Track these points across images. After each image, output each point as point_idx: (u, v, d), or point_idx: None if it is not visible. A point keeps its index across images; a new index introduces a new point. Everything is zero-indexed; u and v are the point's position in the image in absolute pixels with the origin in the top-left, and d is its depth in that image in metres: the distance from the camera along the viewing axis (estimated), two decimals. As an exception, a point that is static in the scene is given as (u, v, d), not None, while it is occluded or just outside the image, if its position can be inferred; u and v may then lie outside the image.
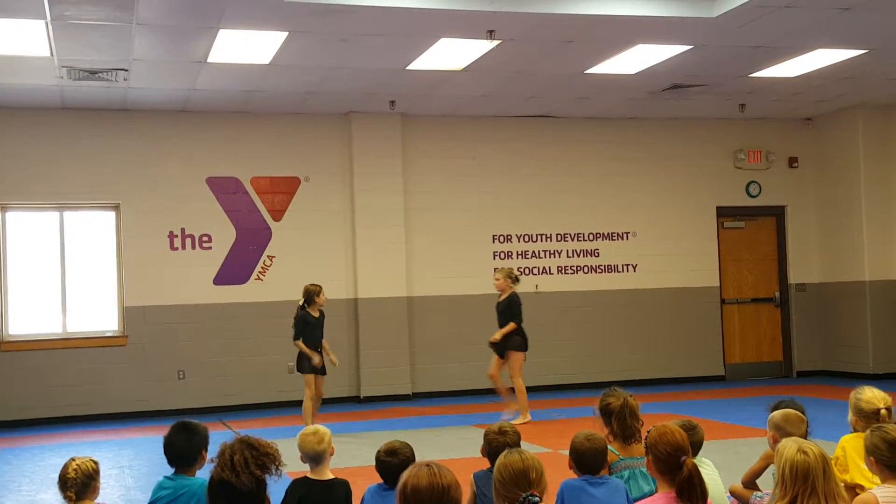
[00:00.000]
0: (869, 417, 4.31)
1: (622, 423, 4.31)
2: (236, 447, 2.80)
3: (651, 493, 4.04)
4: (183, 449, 3.95)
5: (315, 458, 4.08)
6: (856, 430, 4.46)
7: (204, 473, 3.95)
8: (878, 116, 12.26)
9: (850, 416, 4.52)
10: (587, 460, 3.86)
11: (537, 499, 3.04)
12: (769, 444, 4.37)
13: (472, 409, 10.49)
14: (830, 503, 2.97)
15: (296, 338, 8.95)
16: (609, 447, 4.24)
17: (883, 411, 4.25)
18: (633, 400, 4.47)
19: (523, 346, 9.37)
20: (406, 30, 8.26)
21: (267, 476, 2.84)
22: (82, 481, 3.77)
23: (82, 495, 3.79)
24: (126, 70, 9.12)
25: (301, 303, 8.99)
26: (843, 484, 3.71)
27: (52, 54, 8.52)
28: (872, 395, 4.40)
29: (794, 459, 3.02)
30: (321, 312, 9.06)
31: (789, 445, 3.10)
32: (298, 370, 9.06)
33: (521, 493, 3.05)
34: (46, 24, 7.66)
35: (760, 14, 8.08)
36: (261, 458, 2.79)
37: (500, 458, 3.21)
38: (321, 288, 9.06)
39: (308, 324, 8.91)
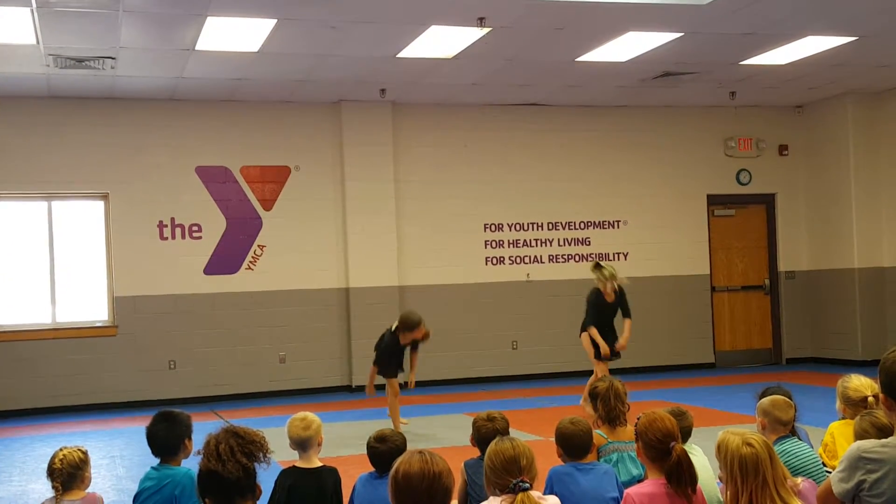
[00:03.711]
0: (856, 405, 4.33)
1: (607, 406, 4.36)
2: (221, 437, 2.80)
3: (639, 477, 4.07)
4: (165, 439, 3.94)
5: (301, 444, 4.07)
6: (844, 418, 4.47)
7: (190, 462, 3.95)
8: (867, 104, 12.28)
9: (838, 404, 4.53)
10: (572, 443, 3.89)
11: (528, 485, 3.06)
12: (758, 430, 4.38)
13: (462, 398, 10.52)
14: (780, 489, 2.90)
15: (374, 362, 8.28)
16: (597, 431, 4.26)
17: (870, 399, 4.26)
18: (621, 385, 4.50)
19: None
20: (396, 17, 8.21)
21: (256, 465, 2.83)
22: (68, 472, 3.77)
23: (69, 485, 3.78)
24: (113, 58, 9.05)
25: (393, 328, 8.15)
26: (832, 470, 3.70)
27: (38, 42, 8.44)
28: (860, 383, 4.41)
29: (742, 453, 2.90)
30: (413, 344, 8.16)
31: (732, 439, 2.97)
32: (381, 373, 8.28)
33: (511, 479, 3.07)
34: (32, 11, 7.59)
35: (751, 1, 8.07)
36: (247, 447, 2.78)
37: (491, 446, 3.22)
38: (419, 322, 8.03)
39: (392, 354, 8.15)
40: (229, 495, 2.75)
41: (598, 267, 8.57)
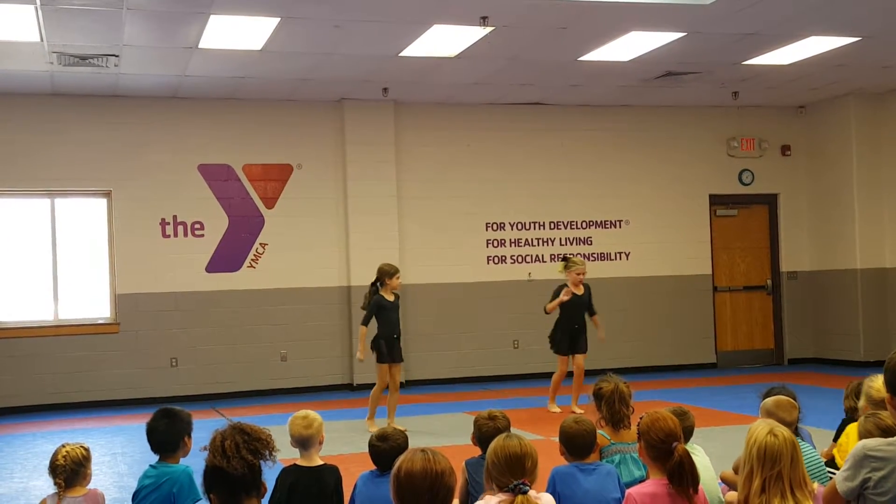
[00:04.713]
0: (877, 405, 4.30)
1: (611, 408, 4.35)
2: (227, 433, 2.82)
3: (641, 478, 4.07)
4: (164, 435, 3.95)
5: (302, 442, 4.07)
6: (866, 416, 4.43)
7: (189, 460, 3.95)
8: (870, 104, 12.27)
9: (861, 402, 4.49)
10: (576, 442, 3.89)
11: (528, 488, 3.02)
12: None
13: (463, 397, 10.52)
14: (797, 490, 2.89)
15: (363, 322, 8.27)
16: (600, 432, 4.26)
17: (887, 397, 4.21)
18: (626, 386, 4.49)
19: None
20: (399, 16, 8.21)
21: (262, 462, 2.84)
22: (71, 468, 3.78)
23: (72, 482, 3.79)
24: (116, 56, 9.06)
25: (373, 283, 8.29)
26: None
27: (42, 39, 8.45)
28: (883, 384, 4.37)
29: (764, 441, 2.92)
30: (396, 296, 8.34)
31: (760, 427, 3.02)
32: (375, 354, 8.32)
33: (513, 479, 3.03)
34: (36, 8, 7.59)
35: (754, 1, 8.06)
36: (252, 444, 2.79)
37: (498, 441, 3.18)
38: (397, 269, 8.33)
39: (382, 307, 8.21)
40: (234, 491, 2.76)
41: (566, 260, 9.21)
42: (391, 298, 8.30)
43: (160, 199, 10.96)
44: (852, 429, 4.43)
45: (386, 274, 8.25)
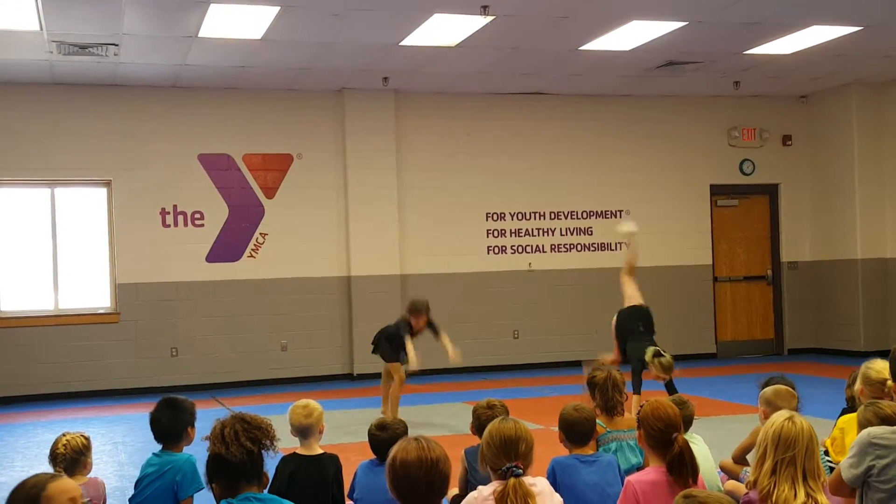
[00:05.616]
0: (874, 386, 4.28)
1: (605, 396, 4.38)
2: (227, 421, 2.84)
3: (638, 465, 4.08)
4: (167, 425, 3.95)
5: (302, 431, 4.08)
6: (859, 402, 4.42)
7: (192, 449, 3.96)
8: (872, 94, 12.24)
9: (858, 385, 4.48)
10: (575, 429, 3.90)
11: (521, 472, 3.00)
12: (760, 419, 4.38)
13: (463, 387, 10.53)
14: (810, 479, 2.86)
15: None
16: (596, 420, 4.27)
17: (889, 383, 4.21)
18: (619, 374, 4.51)
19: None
20: (399, 5, 8.18)
21: (262, 451, 2.84)
22: (71, 457, 3.79)
23: (72, 471, 3.80)
24: (116, 45, 9.04)
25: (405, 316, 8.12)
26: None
27: (41, 28, 8.43)
28: (883, 366, 4.36)
29: (781, 425, 2.91)
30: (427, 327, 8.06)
31: (781, 414, 3.01)
32: (389, 359, 8.20)
33: (507, 462, 3.01)
34: (35, -3, 7.58)
35: (756, -10, 8.03)
36: (252, 432, 2.81)
37: (494, 424, 3.16)
38: (418, 309, 7.95)
39: (394, 335, 8.04)
40: (235, 479, 2.77)
41: (659, 357, 7.97)
42: (417, 327, 8.02)
43: (160, 188, 10.95)
44: (845, 421, 4.40)
45: (409, 311, 8.00)
